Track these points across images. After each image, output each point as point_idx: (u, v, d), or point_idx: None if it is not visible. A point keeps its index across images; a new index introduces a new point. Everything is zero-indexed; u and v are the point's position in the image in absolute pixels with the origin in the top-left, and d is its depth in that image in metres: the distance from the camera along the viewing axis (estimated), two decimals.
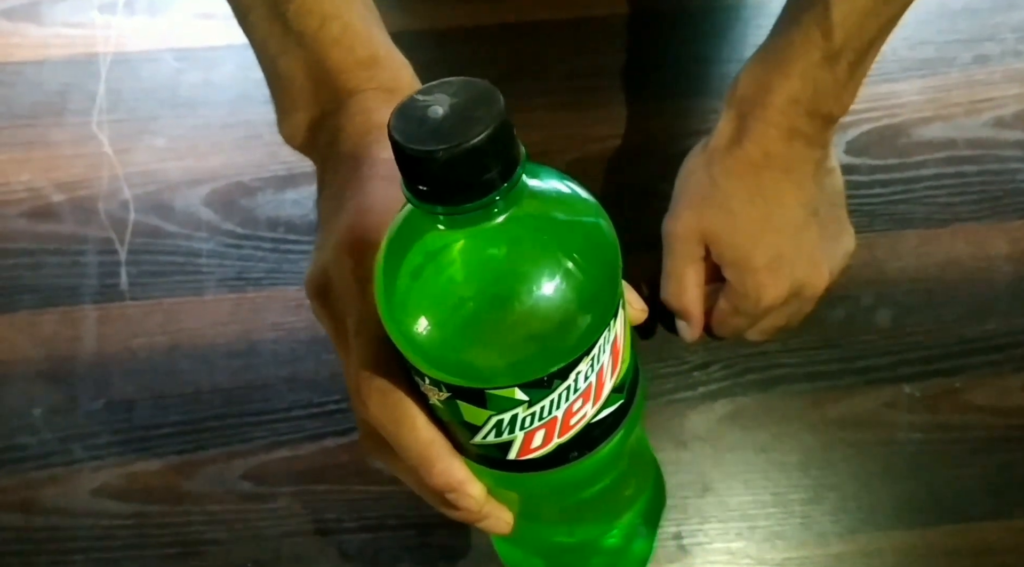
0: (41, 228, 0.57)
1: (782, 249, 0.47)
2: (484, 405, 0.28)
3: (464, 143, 0.24)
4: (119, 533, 0.47)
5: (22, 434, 0.50)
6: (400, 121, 0.25)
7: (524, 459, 0.30)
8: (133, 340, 0.52)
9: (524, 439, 0.30)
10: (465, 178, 0.25)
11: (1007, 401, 0.49)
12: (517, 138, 0.26)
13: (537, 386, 0.28)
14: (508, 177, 0.26)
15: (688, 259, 0.48)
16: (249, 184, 0.58)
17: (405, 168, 0.25)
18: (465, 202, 0.25)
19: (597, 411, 0.30)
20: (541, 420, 0.29)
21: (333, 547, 0.46)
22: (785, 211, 0.47)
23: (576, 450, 0.31)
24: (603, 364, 0.29)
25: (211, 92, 0.62)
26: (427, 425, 0.31)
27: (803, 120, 0.46)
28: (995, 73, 0.61)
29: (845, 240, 0.50)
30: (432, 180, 0.25)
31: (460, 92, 0.25)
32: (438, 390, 0.29)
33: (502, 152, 0.25)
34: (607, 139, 0.59)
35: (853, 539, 0.45)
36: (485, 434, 0.30)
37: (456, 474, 0.31)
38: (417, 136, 0.25)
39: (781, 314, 0.49)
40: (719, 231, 0.47)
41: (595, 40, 0.63)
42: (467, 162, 0.24)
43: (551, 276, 0.27)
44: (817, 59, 0.44)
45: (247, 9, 0.40)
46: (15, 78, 0.64)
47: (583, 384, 0.29)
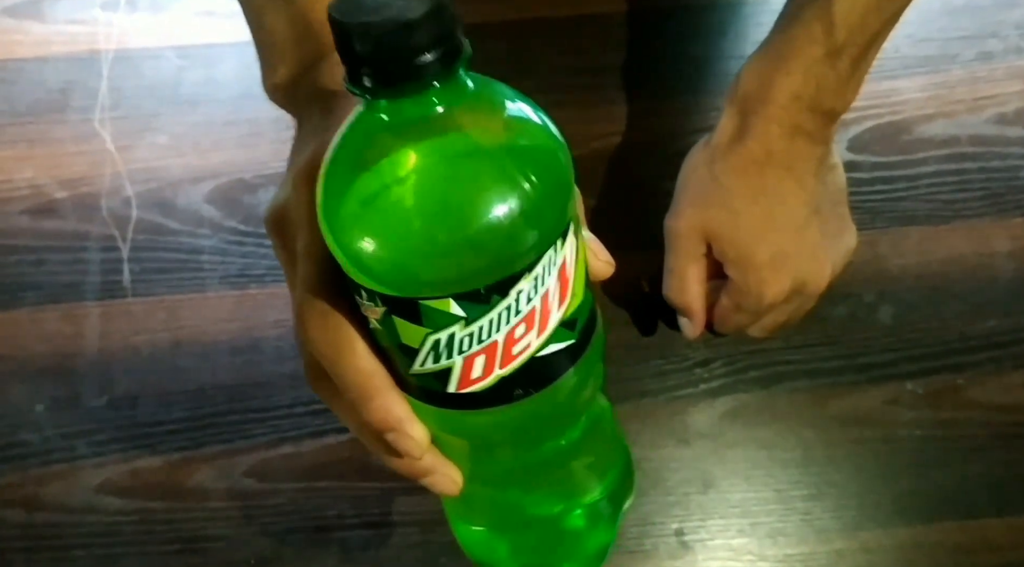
0: (44, 225, 0.57)
1: (784, 247, 0.47)
2: (420, 321, 0.27)
3: (400, 17, 0.24)
4: (122, 529, 0.47)
5: (25, 431, 0.50)
6: (342, 2, 0.25)
7: (465, 392, 0.29)
8: (136, 337, 0.53)
9: (463, 366, 0.28)
10: (400, 55, 0.25)
11: (1009, 398, 0.49)
12: (460, 30, 0.26)
13: (474, 300, 0.27)
14: (446, 63, 0.25)
15: (690, 256, 0.48)
16: (251, 181, 0.58)
17: (342, 46, 0.25)
18: (400, 83, 0.25)
19: (543, 343, 0.29)
20: (480, 343, 0.28)
21: (335, 544, 0.46)
22: (787, 209, 0.47)
23: (520, 387, 0.30)
24: (548, 289, 0.28)
25: (213, 89, 0.62)
26: (368, 354, 0.30)
27: (805, 117, 0.46)
28: (997, 70, 0.61)
29: (847, 237, 0.50)
30: (367, 57, 0.25)
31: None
32: (374, 306, 0.28)
33: (439, 33, 0.25)
34: (608, 136, 0.59)
35: (854, 535, 0.45)
36: (423, 359, 0.28)
37: (395, 409, 0.30)
38: (354, 11, 0.25)
39: (783, 311, 0.49)
40: (721, 229, 0.47)
41: (596, 37, 0.63)
42: (402, 37, 0.24)
43: (490, 178, 0.26)
44: (819, 55, 0.44)
45: None
46: (17, 75, 0.64)
47: (525, 306, 0.28)
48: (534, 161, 0.27)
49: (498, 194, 0.26)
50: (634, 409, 0.49)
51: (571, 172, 0.28)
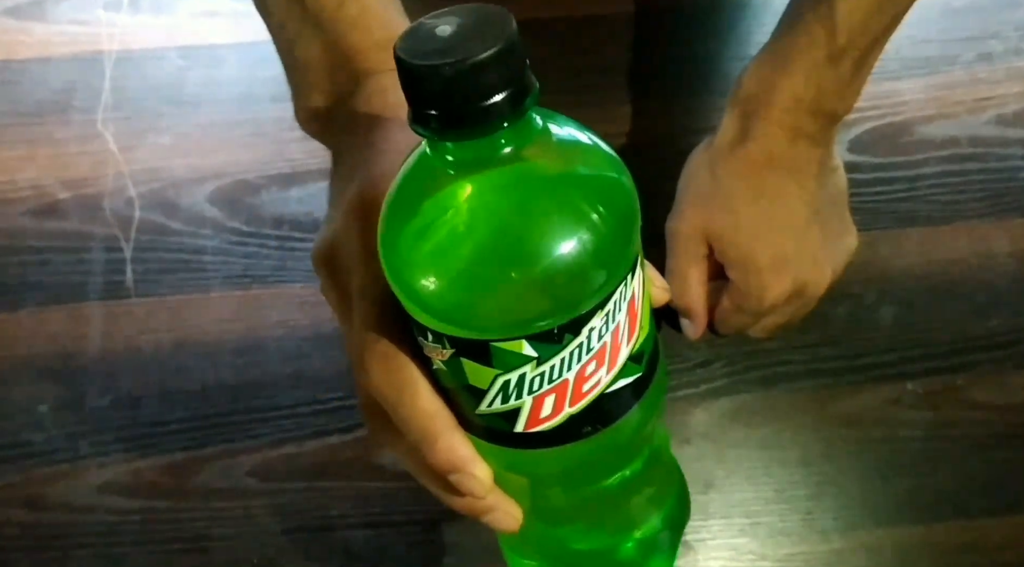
0: (47, 225, 0.57)
1: (785, 249, 0.47)
2: (490, 362, 0.27)
3: (469, 58, 0.23)
4: (125, 529, 0.47)
5: (29, 430, 0.50)
6: (406, 41, 0.24)
7: (533, 432, 0.28)
8: (139, 337, 0.53)
9: (533, 406, 0.28)
10: (469, 98, 0.24)
11: (1009, 398, 0.49)
12: (528, 68, 0.25)
13: (546, 340, 0.26)
14: (517, 104, 0.24)
15: (691, 258, 0.49)
16: (254, 182, 0.58)
17: (408, 87, 0.24)
18: (470, 125, 0.24)
19: (613, 379, 0.28)
20: (551, 382, 0.27)
21: (338, 543, 0.46)
22: (788, 211, 0.47)
23: (589, 424, 0.29)
24: (619, 323, 0.27)
25: (216, 90, 0.63)
26: (431, 395, 0.29)
27: (807, 119, 0.46)
28: (998, 71, 0.61)
29: (847, 239, 0.50)
30: (435, 98, 0.24)
31: (471, 14, 0.24)
32: (441, 347, 0.27)
33: (509, 74, 0.24)
34: (611, 137, 0.58)
35: (855, 535, 0.45)
36: (491, 400, 0.28)
37: (460, 450, 0.29)
38: (422, 53, 0.24)
39: (783, 313, 0.49)
40: (722, 231, 0.47)
41: (599, 38, 0.63)
42: (471, 79, 0.23)
43: (562, 219, 0.25)
44: (821, 58, 0.44)
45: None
46: (20, 76, 0.64)
47: (596, 343, 0.27)
48: (603, 196, 0.26)
49: (570, 231, 0.25)
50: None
51: (637, 203, 0.28)
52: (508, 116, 0.24)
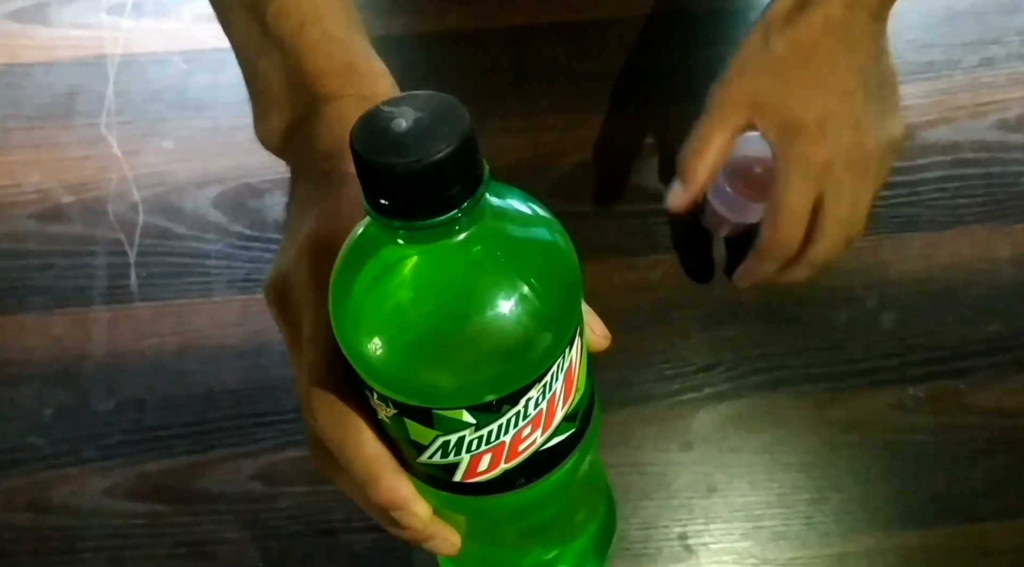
0: (50, 229, 0.57)
1: (831, 108, 0.46)
2: (431, 425, 0.28)
3: (425, 158, 0.24)
4: (129, 533, 0.47)
5: (33, 434, 0.50)
6: (363, 132, 0.25)
7: (470, 482, 0.30)
8: (143, 341, 0.53)
9: (470, 462, 0.29)
10: (426, 194, 0.24)
11: (1010, 403, 0.49)
12: (480, 156, 0.25)
13: (485, 410, 0.28)
14: (470, 195, 0.25)
15: (724, 123, 0.47)
16: (257, 186, 0.58)
17: (365, 180, 0.25)
18: (425, 218, 0.25)
19: (547, 439, 0.30)
20: (488, 444, 0.29)
21: (342, 547, 0.46)
22: (836, 72, 0.46)
23: (523, 476, 0.31)
24: (555, 391, 0.29)
25: (219, 94, 0.63)
26: (374, 440, 0.30)
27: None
28: (1000, 76, 0.61)
29: (890, 123, 0.48)
30: (392, 194, 0.25)
31: (427, 106, 0.25)
32: (385, 406, 0.28)
33: (465, 169, 0.25)
34: (613, 142, 0.59)
35: (857, 539, 0.46)
36: (431, 454, 0.29)
37: (401, 491, 0.31)
38: (378, 148, 0.24)
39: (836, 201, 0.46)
40: (769, 95, 0.47)
41: (602, 44, 0.63)
42: (428, 177, 0.24)
43: (506, 299, 0.26)
44: None
45: (227, 10, 0.40)
46: (24, 80, 0.64)
47: (533, 411, 0.28)
48: (547, 271, 0.27)
49: (514, 313, 0.26)
50: (638, 413, 0.49)
51: (580, 277, 0.28)
52: (462, 208, 0.25)
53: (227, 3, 0.40)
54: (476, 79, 0.61)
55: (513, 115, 0.58)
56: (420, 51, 0.40)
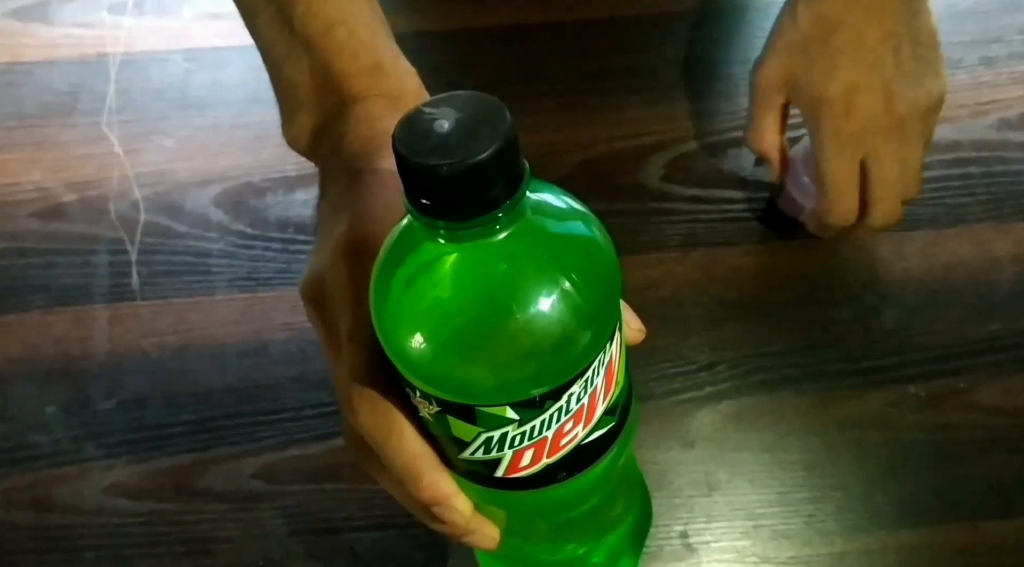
0: (52, 228, 0.57)
1: (856, 80, 0.47)
2: (474, 422, 0.28)
3: (469, 159, 0.24)
4: (131, 531, 0.47)
5: (35, 433, 0.50)
6: (405, 133, 0.25)
7: (512, 477, 0.30)
8: (144, 340, 0.53)
9: (513, 457, 0.29)
10: (468, 194, 0.25)
11: (1011, 401, 0.49)
12: (522, 155, 0.26)
13: (528, 406, 0.28)
14: (512, 194, 0.25)
15: (768, 106, 0.50)
16: (259, 185, 0.58)
17: (408, 181, 0.25)
18: (468, 218, 0.25)
19: (588, 433, 0.30)
20: (531, 440, 0.29)
21: (344, 545, 0.46)
22: (862, 45, 0.47)
23: (565, 471, 0.31)
24: (597, 386, 0.29)
25: (220, 92, 0.63)
26: (416, 437, 0.31)
27: None
28: (1001, 75, 0.61)
29: (929, 83, 0.49)
30: (435, 195, 0.25)
31: (467, 106, 0.25)
32: (428, 403, 0.29)
33: (507, 169, 0.25)
34: (614, 141, 0.59)
35: (858, 538, 0.46)
36: (474, 450, 0.29)
37: (443, 487, 0.31)
38: (422, 150, 0.24)
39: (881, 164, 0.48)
40: (797, 72, 0.48)
41: (602, 42, 0.63)
42: (471, 178, 0.24)
43: (548, 295, 0.26)
44: None
45: (254, 13, 0.40)
46: (25, 78, 0.64)
47: (575, 406, 0.29)
48: (588, 267, 0.27)
49: (556, 306, 0.26)
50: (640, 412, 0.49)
51: (619, 272, 0.29)
52: (503, 206, 0.25)
53: (254, 6, 0.40)
54: (475, 78, 0.61)
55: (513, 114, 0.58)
56: (420, 50, 0.40)
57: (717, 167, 0.58)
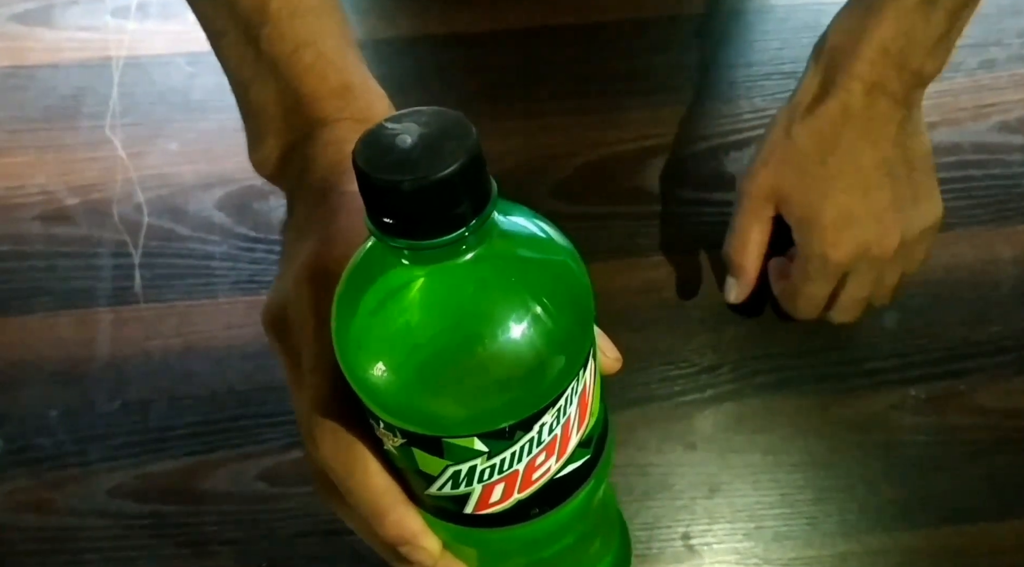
0: (56, 231, 0.58)
1: (851, 207, 0.46)
2: (441, 454, 0.27)
3: (432, 175, 0.23)
4: (135, 533, 0.47)
5: (38, 435, 0.50)
6: (366, 149, 0.24)
7: (482, 513, 0.29)
8: (147, 342, 0.53)
9: (482, 492, 0.28)
10: (433, 211, 0.23)
11: (1012, 403, 0.49)
12: (488, 173, 0.25)
13: (498, 437, 0.27)
14: (478, 212, 0.24)
15: (754, 216, 0.49)
16: (262, 188, 0.58)
17: (369, 198, 0.24)
18: (432, 237, 0.24)
19: (561, 466, 0.29)
20: (501, 473, 0.28)
21: (347, 547, 0.46)
22: (857, 170, 0.46)
23: (538, 507, 0.29)
24: (570, 416, 0.28)
25: (224, 96, 0.62)
26: (380, 472, 0.29)
27: (892, 74, 0.45)
28: (1001, 78, 0.61)
29: (925, 206, 0.48)
30: (397, 212, 0.24)
31: (431, 122, 0.24)
32: (392, 436, 0.27)
33: (472, 186, 0.24)
34: (617, 143, 0.59)
35: (859, 539, 0.46)
36: (441, 485, 0.28)
37: (410, 525, 0.30)
38: (383, 165, 0.23)
39: (858, 284, 0.48)
40: (790, 190, 0.47)
41: (604, 46, 0.64)
42: (435, 194, 0.23)
43: (517, 320, 0.25)
44: (912, 4, 0.44)
45: (220, 34, 0.39)
46: (29, 82, 0.64)
47: (547, 437, 0.27)
48: (559, 293, 0.26)
49: (526, 334, 0.25)
50: (641, 414, 0.49)
51: (592, 298, 0.28)
52: (470, 225, 0.24)
53: (219, 28, 0.39)
54: (479, 81, 0.61)
55: (516, 117, 0.58)
56: (424, 53, 0.40)
57: (718, 170, 0.58)
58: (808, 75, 0.48)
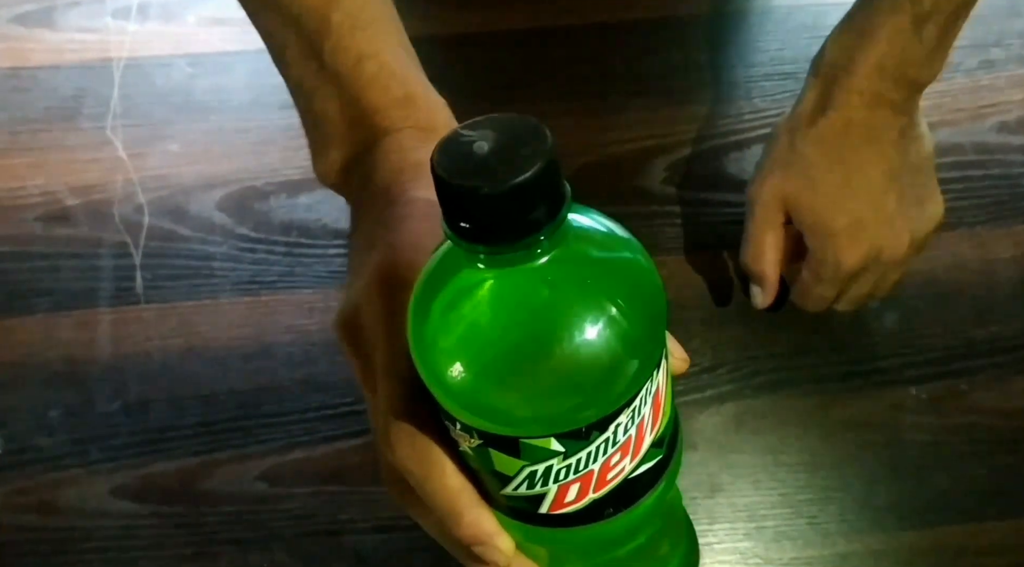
0: (56, 232, 0.58)
1: (861, 214, 0.47)
2: (517, 455, 0.27)
3: (510, 180, 0.23)
4: (136, 534, 0.47)
5: (39, 436, 0.50)
6: (444, 157, 0.24)
7: (557, 513, 0.29)
8: (148, 343, 0.53)
9: (558, 492, 0.28)
10: (510, 217, 0.24)
11: (1012, 403, 0.50)
12: (563, 177, 0.25)
13: (574, 437, 0.27)
14: (554, 216, 0.24)
15: (767, 224, 0.49)
16: (262, 188, 0.58)
17: (447, 204, 0.24)
18: (508, 242, 0.24)
19: (635, 466, 0.29)
20: (576, 473, 0.28)
21: (348, 547, 0.46)
22: (865, 177, 0.47)
23: (612, 506, 0.30)
24: (644, 417, 0.28)
25: (224, 97, 0.63)
26: (456, 473, 0.30)
27: (890, 87, 0.46)
28: (1000, 78, 0.61)
29: (929, 207, 0.50)
30: (475, 218, 0.24)
31: (506, 128, 0.24)
32: (469, 436, 0.28)
33: (548, 190, 0.24)
34: (618, 144, 0.59)
35: (860, 539, 0.46)
36: (517, 485, 0.28)
37: (485, 526, 0.30)
38: (461, 172, 0.24)
39: (865, 281, 0.49)
40: (799, 198, 0.48)
41: (605, 46, 0.64)
42: (513, 200, 0.23)
43: (594, 322, 0.25)
44: (905, 23, 0.44)
45: (283, 46, 0.39)
46: (30, 83, 0.64)
47: (622, 437, 0.28)
48: (633, 294, 0.27)
49: (602, 333, 0.25)
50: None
51: (665, 299, 0.28)
52: (545, 229, 0.24)
53: (281, 41, 0.39)
54: (478, 82, 0.61)
55: None
56: (425, 54, 0.40)
57: (718, 170, 0.58)
58: (808, 88, 0.49)
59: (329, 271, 0.55)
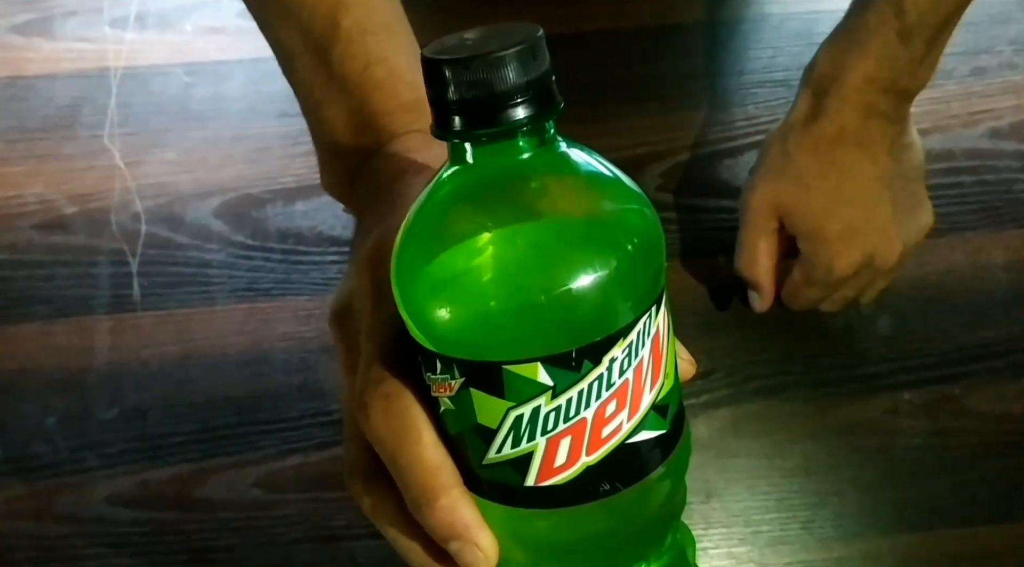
0: (53, 240, 0.58)
1: (854, 221, 0.48)
2: (502, 392, 0.25)
3: (492, 52, 0.24)
4: (132, 540, 0.47)
5: (36, 443, 0.50)
6: (433, 45, 0.25)
7: (546, 485, 0.26)
8: (145, 350, 0.53)
9: (546, 450, 0.26)
10: (490, 91, 0.24)
11: (1004, 408, 0.50)
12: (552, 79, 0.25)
13: (563, 365, 0.25)
14: (538, 105, 0.24)
15: (761, 231, 0.50)
16: (259, 196, 0.59)
17: (433, 86, 0.25)
18: (490, 121, 0.24)
19: (634, 427, 0.26)
20: (567, 421, 0.25)
21: (343, 554, 0.46)
22: (858, 185, 0.48)
23: (607, 479, 0.27)
24: (642, 359, 0.26)
25: (221, 105, 0.63)
26: (435, 444, 0.27)
27: (880, 97, 0.46)
28: (992, 85, 0.62)
29: (921, 214, 0.51)
30: (457, 96, 0.24)
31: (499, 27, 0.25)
32: (450, 378, 0.26)
33: (531, 73, 0.24)
34: (613, 151, 0.58)
35: (854, 544, 0.46)
36: (501, 443, 0.26)
37: (463, 513, 0.27)
38: (446, 51, 0.24)
39: (854, 285, 0.50)
40: (793, 204, 0.48)
41: (599, 54, 0.64)
42: (494, 71, 0.24)
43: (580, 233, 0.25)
44: (892, 37, 0.45)
45: (291, 56, 0.39)
46: (27, 92, 0.64)
47: (618, 378, 0.25)
48: (625, 221, 0.26)
49: (589, 248, 0.25)
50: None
51: (662, 238, 0.27)
52: (530, 116, 0.25)
53: (290, 50, 0.39)
54: None
55: None
56: None
57: (712, 177, 0.59)
58: (800, 98, 0.49)
59: (326, 278, 0.55)
